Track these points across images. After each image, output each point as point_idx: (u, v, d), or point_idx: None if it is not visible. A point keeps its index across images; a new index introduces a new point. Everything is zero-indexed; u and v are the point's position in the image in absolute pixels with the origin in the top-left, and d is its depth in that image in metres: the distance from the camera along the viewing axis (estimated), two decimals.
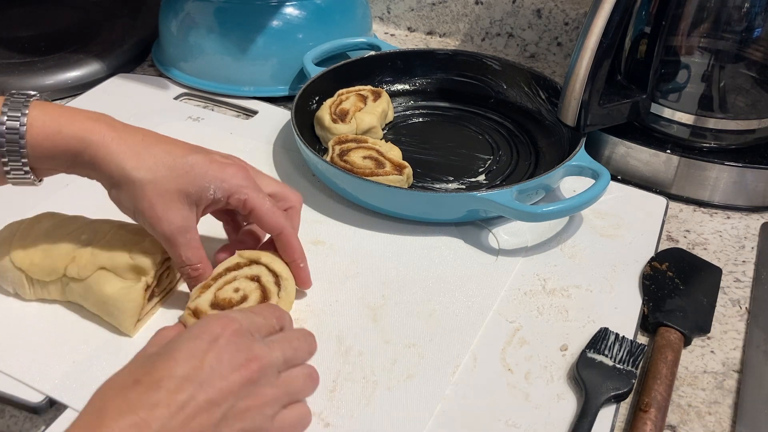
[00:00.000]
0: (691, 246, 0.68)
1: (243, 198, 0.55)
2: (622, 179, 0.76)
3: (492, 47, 1.04)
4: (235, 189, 0.55)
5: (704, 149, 0.73)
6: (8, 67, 0.88)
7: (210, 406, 0.41)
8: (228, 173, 0.55)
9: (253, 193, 0.55)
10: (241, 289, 0.54)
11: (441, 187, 0.72)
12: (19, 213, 0.61)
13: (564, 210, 0.65)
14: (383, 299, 0.60)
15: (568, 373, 0.54)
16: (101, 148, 0.51)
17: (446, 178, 0.74)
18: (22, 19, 1.02)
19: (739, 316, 0.61)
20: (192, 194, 0.53)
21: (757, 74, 0.71)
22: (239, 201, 0.55)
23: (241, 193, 0.55)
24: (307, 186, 0.73)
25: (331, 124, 0.76)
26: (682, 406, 0.53)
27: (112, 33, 0.97)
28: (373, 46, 0.90)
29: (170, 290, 0.60)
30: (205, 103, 0.88)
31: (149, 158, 0.52)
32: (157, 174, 0.52)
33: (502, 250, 0.66)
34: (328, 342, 0.56)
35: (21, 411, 0.51)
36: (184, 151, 0.54)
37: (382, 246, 0.66)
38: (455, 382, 0.53)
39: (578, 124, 0.71)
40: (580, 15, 0.97)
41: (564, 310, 0.60)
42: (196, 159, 0.54)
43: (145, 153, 0.53)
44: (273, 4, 0.85)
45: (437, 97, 0.88)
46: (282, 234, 0.57)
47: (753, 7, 0.69)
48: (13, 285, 0.57)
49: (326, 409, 0.51)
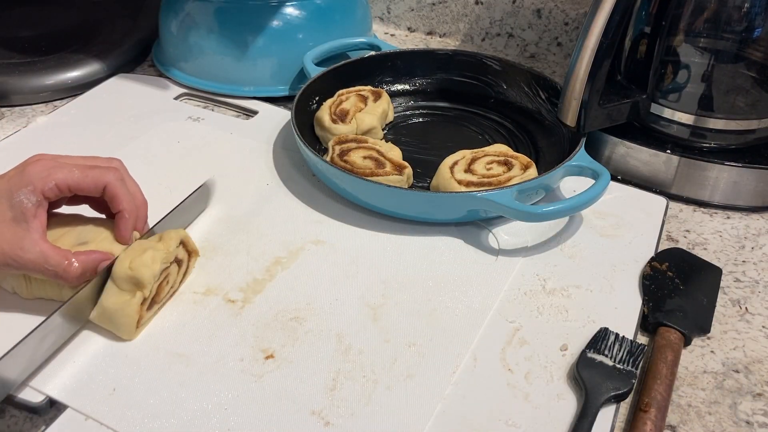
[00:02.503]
0: (691, 246, 0.68)
1: (53, 183, 0.54)
2: (622, 179, 0.76)
3: (492, 47, 1.04)
4: (40, 182, 0.54)
5: (704, 149, 0.73)
6: (8, 67, 0.88)
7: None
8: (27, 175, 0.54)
9: (58, 173, 0.54)
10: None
11: None
12: None
13: (564, 210, 0.65)
14: (383, 298, 0.60)
15: (568, 373, 0.54)
16: None
17: None
18: (22, 19, 1.02)
19: (739, 316, 0.61)
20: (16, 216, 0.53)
21: (757, 74, 0.72)
22: (53, 188, 0.54)
23: (49, 181, 0.54)
24: (307, 186, 0.73)
25: (330, 125, 0.76)
26: (682, 406, 0.53)
27: (112, 33, 0.97)
28: (373, 46, 0.90)
29: (172, 294, 0.59)
30: (205, 103, 0.88)
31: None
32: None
33: (502, 250, 0.66)
34: (328, 341, 0.56)
35: (21, 411, 0.51)
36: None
37: (382, 246, 0.66)
38: (455, 382, 0.53)
39: (578, 124, 0.71)
40: (580, 15, 0.97)
41: (564, 310, 0.60)
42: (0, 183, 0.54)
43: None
44: (273, 4, 0.85)
45: (437, 97, 0.88)
46: (107, 187, 0.56)
47: (753, 7, 0.69)
48: (12, 284, 0.57)
49: (326, 408, 0.51)
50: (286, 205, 0.71)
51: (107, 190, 0.56)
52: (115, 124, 0.82)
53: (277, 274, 0.62)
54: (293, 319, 0.58)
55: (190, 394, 0.51)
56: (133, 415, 0.50)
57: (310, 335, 0.56)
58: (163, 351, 0.55)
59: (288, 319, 0.58)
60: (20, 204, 0.53)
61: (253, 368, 0.53)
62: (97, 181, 0.56)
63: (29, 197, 0.54)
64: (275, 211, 0.69)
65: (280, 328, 0.57)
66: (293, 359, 0.54)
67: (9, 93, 0.86)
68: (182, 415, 0.50)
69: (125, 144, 0.78)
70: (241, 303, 0.59)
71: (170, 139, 0.79)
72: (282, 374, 0.53)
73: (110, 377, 0.52)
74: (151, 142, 0.79)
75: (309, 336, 0.56)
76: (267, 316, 0.58)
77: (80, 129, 0.81)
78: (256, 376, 0.53)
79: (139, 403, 0.50)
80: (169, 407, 0.50)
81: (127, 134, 0.80)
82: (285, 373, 0.53)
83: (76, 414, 0.50)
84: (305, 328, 0.57)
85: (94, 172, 0.56)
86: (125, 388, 0.51)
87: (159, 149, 0.78)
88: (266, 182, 0.74)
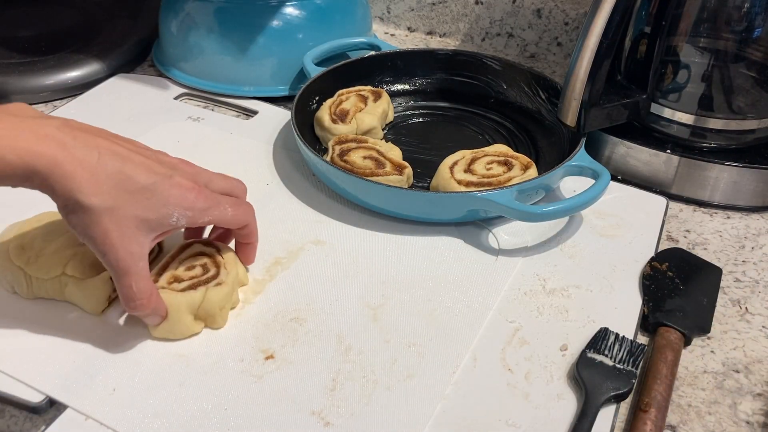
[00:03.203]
0: (691, 246, 0.68)
1: (207, 220, 0.54)
2: (622, 179, 0.76)
3: (492, 47, 1.04)
4: (198, 216, 0.53)
5: (704, 149, 0.73)
6: (8, 67, 0.88)
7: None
8: (190, 199, 0.52)
9: (216, 212, 0.54)
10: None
11: None
12: (19, 213, 0.61)
13: (564, 210, 0.65)
14: (383, 299, 0.60)
15: (568, 373, 0.54)
16: (52, 173, 0.46)
17: None
18: (22, 19, 1.02)
19: (739, 316, 0.61)
20: (152, 221, 0.50)
21: (757, 74, 0.71)
22: (204, 223, 0.55)
23: (206, 217, 0.54)
24: (307, 186, 0.73)
25: (330, 125, 0.76)
26: (682, 406, 0.53)
27: (112, 33, 0.97)
28: (373, 46, 0.90)
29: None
30: (205, 103, 0.88)
31: (106, 182, 0.48)
32: (117, 201, 0.49)
33: (502, 250, 0.66)
34: (328, 341, 0.56)
35: (21, 411, 0.51)
36: (144, 174, 0.50)
37: (382, 246, 0.66)
38: (455, 382, 0.53)
39: (578, 124, 0.71)
40: (580, 15, 0.97)
41: (564, 310, 0.60)
42: (157, 184, 0.51)
43: (101, 175, 0.48)
44: (273, 4, 0.85)
45: (437, 97, 0.88)
46: (247, 226, 0.59)
47: (753, 7, 0.69)
48: (12, 284, 0.57)
49: (326, 408, 0.51)
50: (286, 205, 0.71)
51: (246, 228, 0.58)
52: (115, 124, 0.81)
53: (277, 275, 0.62)
54: (293, 320, 0.58)
55: (190, 394, 0.51)
56: (133, 415, 0.50)
57: (310, 335, 0.56)
58: (163, 351, 0.55)
59: (288, 319, 0.58)
60: (168, 217, 0.51)
61: (253, 369, 0.53)
62: (241, 222, 0.57)
63: (180, 220, 0.52)
64: (275, 211, 0.69)
65: (280, 328, 0.57)
66: (293, 359, 0.54)
67: (9, 93, 0.86)
68: (182, 415, 0.50)
69: None
70: (241, 303, 0.59)
71: (170, 139, 0.79)
72: (282, 375, 0.53)
73: (110, 377, 0.52)
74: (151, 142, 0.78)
75: (309, 336, 0.56)
76: (267, 317, 0.58)
77: None
78: (256, 376, 0.53)
79: (139, 403, 0.50)
80: (169, 407, 0.50)
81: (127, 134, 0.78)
82: (285, 373, 0.53)
83: (76, 414, 0.50)
84: (305, 329, 0.57)
85: (240, 212, 0.57)
86: (125, 388, 0.52)
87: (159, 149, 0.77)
88: (266, 182, 0.74)
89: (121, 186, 0.49)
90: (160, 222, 0.51)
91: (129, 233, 0.49)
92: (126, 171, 0.50)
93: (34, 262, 0.56)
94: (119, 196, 0.49)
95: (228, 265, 0.57)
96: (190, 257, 0.58)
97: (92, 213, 0.48)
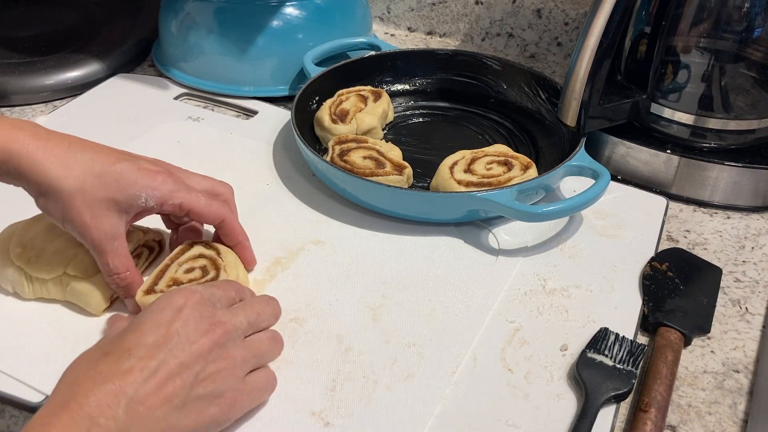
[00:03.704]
0: (691, 246, 0.68)
1: (177, 202, 0.55)
2: (622, 179, 0.76)
3: (492, 47, 1.04)
4: (167, 196, 0.55)
5: (704, 149, 0.73)
6: (8, 67, 0.88)
7: (182, 370, 0.43)
8: (158, 181, 0.55)
9: (186, 195, 0.56)
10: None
11: None
12: (19, 213, 0.61)
13: (564, 210, 0.65)
14: (383, 299, 0.60)
15: (568, 373, 0.54)
16: (25, 157, 0.51)
17: None
18: (22, 19, 1.02)
19: (739, 316, 0.61)
20: (121, 202, 0.53)
21: (757, 74, 0.72)
22: (174, 206, 0.56)
23: (174, 198, 0.55)
24: (307, 186, 0.73)
25: (330, 125, 0.76)
26: (682, 406, 0.53)
27: (112, 33, 0.97)
28: (373, 46, 0.90)
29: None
30: (205, 103, 0.88)
31: (76, 167, 0.52)
32: (85, 183, 0.52)
33: (502, 250, 0.66)
34: (328, 341, 0.56)
35: (21, 411, 0.51)
36: (111, 159, 0.54)
37: (382, 246, 0.66)
38: (455, 382, 0.53)
39: (578, 124, 0.71)
40: (580, 15, 0.97)
41: (564, 310, 0.60)
42: (124, 167, 0.54)
43: (71, 161, 0.52)
44: (273, 4, 0.85)
45: (437, 97, 0.88)
46: (224, 222, 0.58)
47: (753, 7, 0.69)
48: (12, 284, 0.57)
49: (326, 409, 0.51)
50: (286, 205, 0.71)
51: (224, 225, 0.59)
52: (115, 124, 0.82)
53: (277, 275, 0.62)
54: (293, 320, 0.58)
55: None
56: None
57: (310, 336, 0.56)
58: None
59: (288, 319, 0.58)
60: (136, 198, 0.54)
61: None
62: (216, 215, 0.58)
63: (149, 200, 0.54)
64: (275, 211, 0.69)
65: (279, 329, 0.57)
66: (293, 360, 0.54)
67: (9, 93, 0.86)
68: None
69: (125, 144, 0.78)
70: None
71: (170, 139, 0.79)
72: (282, 375, 0.53)
73: None
74: (151, 142, 0.79)
75: (309, 336, 0.56)
76: None
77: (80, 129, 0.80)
78: None
79: None
80: None
81: (127, 134, 0.80)
82: (285, 373, 0.53)
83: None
84: (305, 329, 0.57)
85: (216, 205, 0.58)
86: None
87: (159, 149, 0.77)
88: (266, 182, 0.74)
89: (90, 170, 0.52)
90: (129, 203, 0.54)
91: (101, 214, 0.53)
92: (94, 157, 0.53)
93: (34, 262, 0.56)
94: (87, 179, 0.52)
95: (228, 268, 0.57)
96: (189, 260, 0.58)
97: (64, 196, 0.52)
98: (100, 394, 0.41)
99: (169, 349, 0.43)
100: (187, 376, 0.43)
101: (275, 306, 0.53)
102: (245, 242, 0.60)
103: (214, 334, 0.45)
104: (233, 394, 0.46)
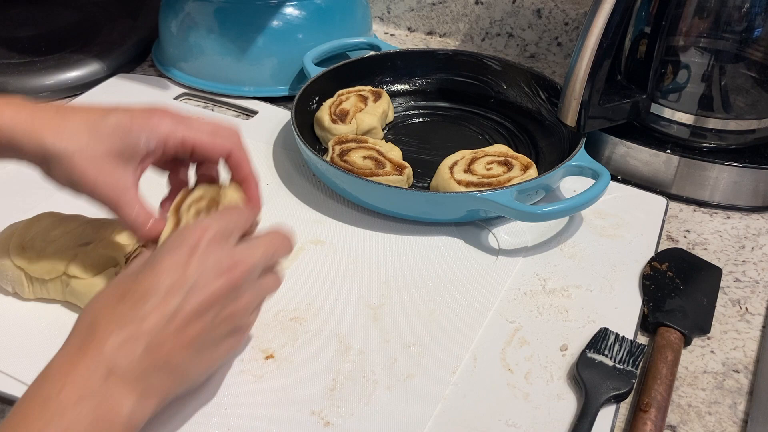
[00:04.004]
0: (691, 246, 0.68)
1: (179, 139, 0.53)
2: (622, 179, 0.76)
3: (492, 47, 1.04)
4: (168, 133, 0.52)
5: (704, 149, 0.73)
6: (8, 67, 0.88)
7: (199, 313, 0.43)
8: (154, 121, 0.52)
9: (187, 131, 0.53)
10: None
11: None
12: (19, 213, 0.61)
13: (564, 210, 0.65)
14: (383, 299, 0.60)
15: (568, 373, 0.54)
16: (16, 128, 0.50)
17: None
18: (22, 19, 1.02)
19: (739, 316, 0.61)
20: (123, 151, 0.51)
21: (757, 74, 0.72)
22: (177, 143, 0.53)
23: (176, 135, 0.53)
24: (307, 186, 0.73)
25: (330, 125, 0.76)
26: (682, 406, 0.53)
27: (112, 33, 0.97)
28: (373, 46, 0.90)
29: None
30: (205, 103, 0.88)
31: (69, 126, 0.51)
32: (81, 141, 0.50)
33: (502, 250, 0.66)
34: (328, 341, 0.56)
35: None
36: (102, 113, 0.52)
37: (382, 246, 0.66)
38: (455, 382, 0.53)
39: (578, 124, 0.71)
40: (580, 15, 0.97)
41: (564, 310, 0.60)
42: (116, 117, 0.52)
43: (63, 124, 0.51)
44: (273, 4, 0.85)
45: (437, 97, 0.88)
46: (232, 154, 0.55)
47: (753, 7, 0.69)
48: (12, 284, 0.57)
49: (326, 408, 0.51)
50: (286, 205, 0.71)
51: (232, 157, 0.55)
52: None
53: None
54: (293, 319, 0.58)
55: (190, 394, 0.51)
56: None
57: (310, 335, 0.56)
58: None
59: (288, 319, 0.58)
60: (136, 143, 0.51)
61: (253, 368, 0.53)
62: (223, 147, 0.54)
63: (149, 142, 0.52)
64: (275, 211, 0.69)
65: (279, 328, 0.57)
66: (293, 359, 0.54)
67: (9, 93, 0.85)
68: (182, 415, 0.50)
69: None
70: None
71: None
72: (282, 374, 0.53)
73: None
74: None
75: (309, 336, 0.56)
76: (267, 316, 0.58)
77: None
78: (255, 376, 0.53)
79: None
80: (169, 407, 0.50)
81: None
82: (285, 373, 0.53)
83: None
84: (305, 328, 0.57)
85: (221, 137, 0.54)
86: None
87: None
88: (266, 182, 0.74)
89: (83, 128, 0.51)
90: (131, 151, 0.51)
91: (105, 169, 0.51)
92: (84, 116, 0.51)
93: (35, 262, 0.56)
94: (82, 137, 0.50)
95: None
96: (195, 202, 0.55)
97: (63, 159, 0.50)
98: (118, 340, 0.41)
99: (186, 292, 0.43)
100: (204, 319, 0.44)
101: (291, 239, 0.52)
102: (254, 179, 0.56)
103: (232, 274, 0.45)
104: (246, 327, 0.48)
